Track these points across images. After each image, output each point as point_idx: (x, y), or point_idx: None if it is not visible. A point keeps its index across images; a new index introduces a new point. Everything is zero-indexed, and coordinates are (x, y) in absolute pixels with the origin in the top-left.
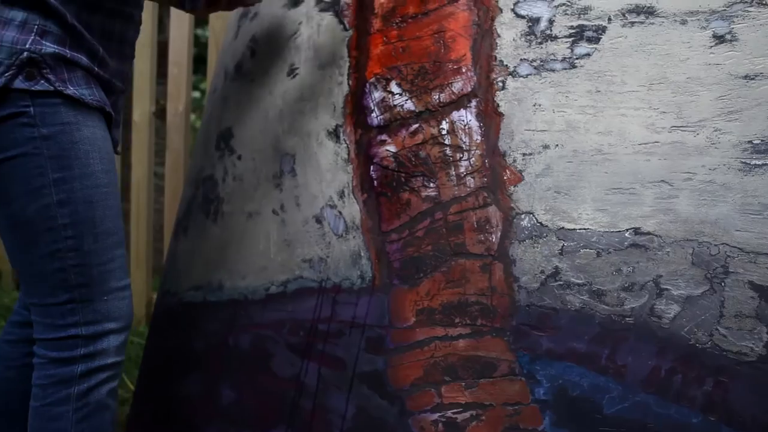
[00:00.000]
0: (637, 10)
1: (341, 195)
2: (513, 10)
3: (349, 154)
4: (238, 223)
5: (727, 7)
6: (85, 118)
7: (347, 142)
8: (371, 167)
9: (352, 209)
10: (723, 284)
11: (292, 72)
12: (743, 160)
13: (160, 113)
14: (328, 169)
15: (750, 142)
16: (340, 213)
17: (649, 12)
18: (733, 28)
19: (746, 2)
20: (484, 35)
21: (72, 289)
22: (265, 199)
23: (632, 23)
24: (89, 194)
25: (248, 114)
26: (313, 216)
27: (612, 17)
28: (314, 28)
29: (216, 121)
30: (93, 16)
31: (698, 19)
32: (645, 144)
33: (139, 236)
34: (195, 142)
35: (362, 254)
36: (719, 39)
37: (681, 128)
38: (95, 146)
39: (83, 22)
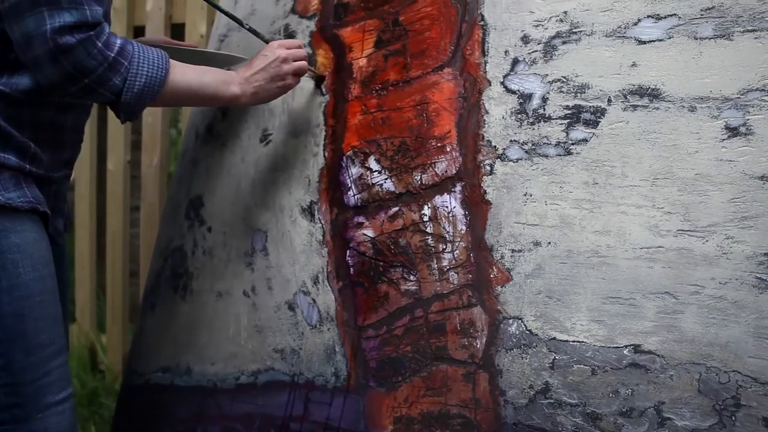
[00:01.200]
0: (641, 92)
1: (315, 281)
2: (503, 83)
3: (324, 236)
4: (207, 302)
5: (742, 95)
6: (14, 223)
7: (322, 221)
8: (347, 252)
9: (327, 298)
10: (734, 418)
11: (265, 138)
12: (759, 276)
13: (135, 163)
14: (301, 251)
15: (767, 254)
16: (314, 301)
17: (654, 95)
18: (748, 119)
19: (764, 90)
20: (470, 110)
21: (3, 410)
22: (236, 278)
23: (635, 107)
24: (19, 306)
25: (219, 181)
26: (286, 302)
27: (612, 98)
28: (289, 91)
29: (186, 187)
30: (21, 110)
31: (709, 107)
32: (647, 248)
33: (114, 289)
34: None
35: (337, 349)
36: (732, 131)
37: (688, 233)
38: (25, 253)
39: (11, 117)
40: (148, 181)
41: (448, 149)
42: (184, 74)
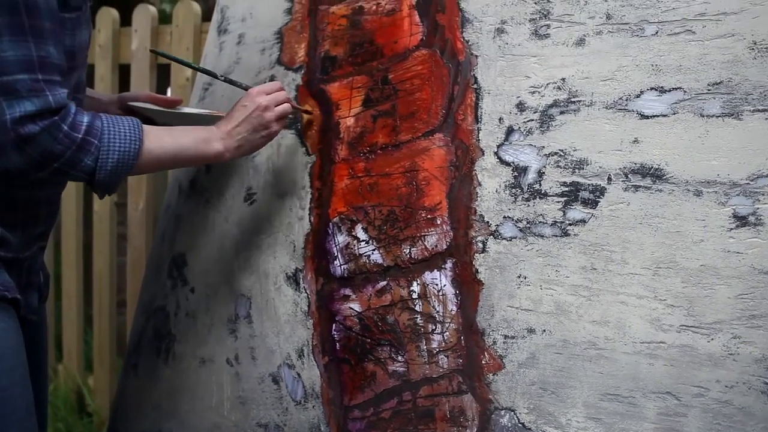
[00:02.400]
0: (643, 172)
1: (300, 354)
2: (496, 153)
3: (309, 306)
4: (190, 368)
5: (751, 181)
6: None
7: (307, 291)
8: (333, 326)
9: (312, 373)
10: None
11: (249, 197)
12: None
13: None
14: (286, 321)
15: None
16: (299, 375)
17: (657, 175)
18: (758, 208)
19: None
20: (462, 180)
21: None
22: (219, 345)
23: (636, 187)
24: None
25: (202, 240)
26: (270, 374)
27: (612, 177)
28: (274, 148)
29: (169, 243)
30: None
31: (716, 192)
32: (648, 343)
33: (101, 331)
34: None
35: (322, 429)
36: (741, 221)
37: (692, 329)
38: None
39: None
40: (134, 224)
41: (438, 222)
42: (160, 141)
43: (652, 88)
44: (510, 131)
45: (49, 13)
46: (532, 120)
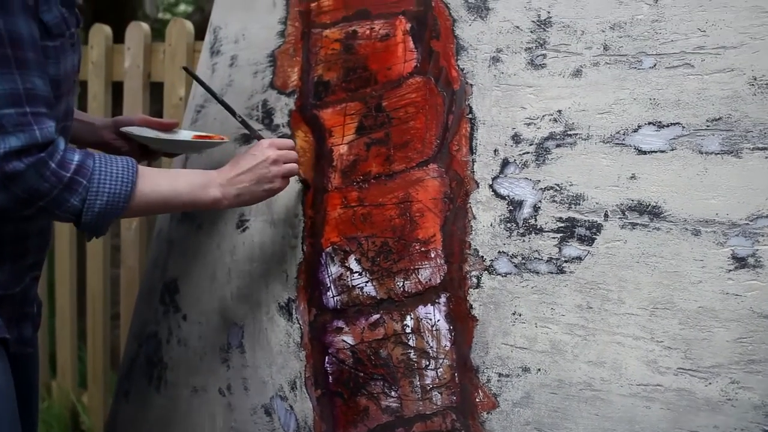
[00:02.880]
0: (640, 209)
1: (293, 386)
2: (491, 186)
3: (302, 338)
4: (182, 396)
5: (751, 221)
6: None
7: (300, 322)
8: (326, 358)
9: (305, 406)
10: None
11: (242, 225)
12: (767, 429)
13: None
14: (279, 352)
15: None
16: (291, 408)
17: (655, 213)
18: (757, 250)
19: None
20: (456, 213)
21: None
22: (212, 374)
23: (633, 225)
24: None
25: (195, 267)
26: (262, 405)
27: (609, 213)
28: None
29: (161, 269)
30: None
31: (714, 232)
32: (645, 386)
33: (95, 348)
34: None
35: None
36: (740, 262)
37: (689, 372)
38: None
39: None
40: (127, 245)
41: (432, 255)
42: (154, 184)
43: (649, 123)
44: (505, 163)
45: (33, 43)
46: (528, 153)
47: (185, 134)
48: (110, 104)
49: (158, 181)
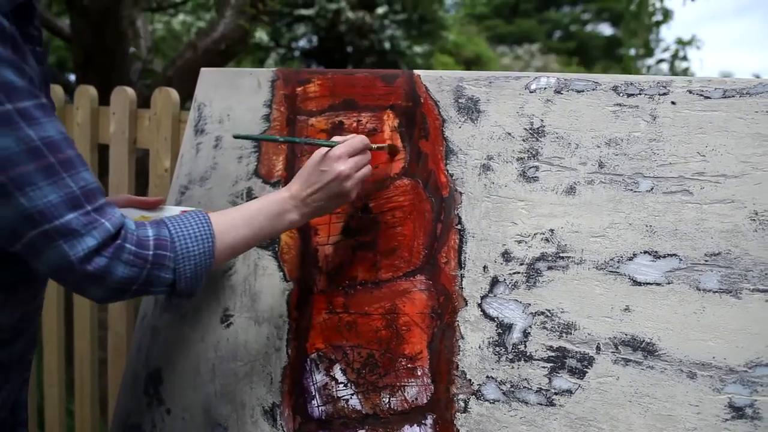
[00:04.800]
0: (634, 344)
1: None
2: (480, 306)
3: None
4: None
5: (749, 369)
6: None
7: (285, 429)
8: None
9: None
10: None
11: (226, 319)
12: None
13: None
14: None
15: None
16: None
17: (649, 351)
18: (756, 400)
19: None
20: (444, 330)
21: None
22: None
23: (626, 361)
24: None
25: (179, 359)
26: None
27: (601, 346)
28: (251, 268)
29: (144, 356)
30: None
31: (711, 377)
32: None
33: (83, 414)
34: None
35: None
36: (737, 412)
37: None
38: None
39: None
40: (114, 310)
41: (419, 373)
42: (233, 230)
43: (645, 252)
44: (495, 282)
45: (66, 140)
46: (518, 272)
47: (173, 210)
48: (97, 166)
49: (236, 225)
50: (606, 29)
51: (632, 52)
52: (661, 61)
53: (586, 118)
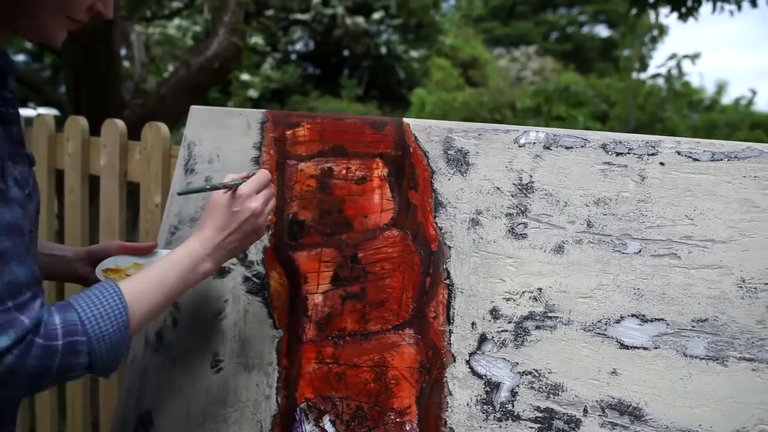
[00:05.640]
0: (621, 408)
1: None
2: (468, 363)
3: None
4: None
5: None
6: None
7: None
8: None
9: None
10: None
11: (216, 364)
12: None
13: None
14: None
15: None
16: None
17: (636, 415)
18: None
19: None
20: (433, 386)
21: None
22: None
23: (613, 425)
24: None
25: (169, 401)
26: None
27: (589, 409)
28: (240, 314)
29: (135, 398)
30: None
31: None
32: None
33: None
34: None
35: None
36: None
37: None
38: None
39: None
40: None
41: (408, 428)
42: (147, 298)
43: (633, 315)
44: (483, 339)
45: (4, 227)
46: (507, 331)
47: (166, 254)
48: (87, 197)
49: (148, 291)
50: (603, 31)
51: (626, 53)
52: (656, 75)
53: (574, 175)
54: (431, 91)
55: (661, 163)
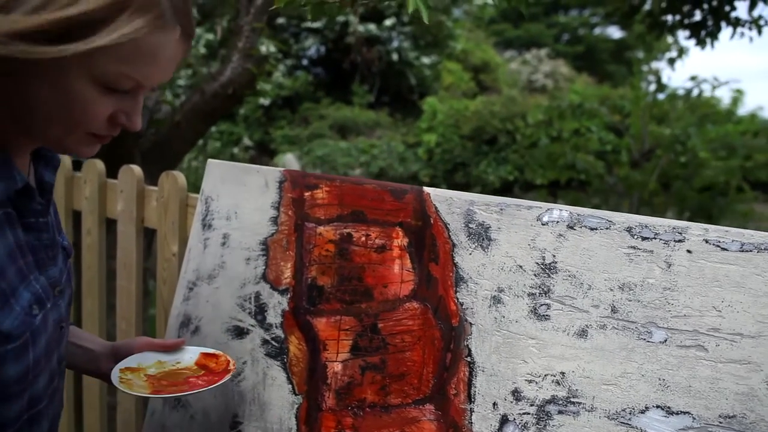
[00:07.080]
0: None
1: None
2: None
3: None
4: None
5: None
6: None
7: None
8: None
9: None
10: None
11: (235, 426)
12: None
13: None
14: None
15: None
16: None
17: None
18: None
19: None
20: None
21: None
22: None
23: None
24: None
25: None
26: None
27: None
28: (260, 377)
29: None
30: None
31: None
32: None
33: None
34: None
35: None
36: None
37: None
38: None
39: None
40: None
41: None
42: None
43: (658, 406)
44: (504, 420)
45: None
46: (529, 414)
47: (192, 352)
48: (105, 240)
49: None
50: (615, 32)
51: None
52: (674, 97)
53: (599, 258)
54: (442, 98)
55: (689, 251)
